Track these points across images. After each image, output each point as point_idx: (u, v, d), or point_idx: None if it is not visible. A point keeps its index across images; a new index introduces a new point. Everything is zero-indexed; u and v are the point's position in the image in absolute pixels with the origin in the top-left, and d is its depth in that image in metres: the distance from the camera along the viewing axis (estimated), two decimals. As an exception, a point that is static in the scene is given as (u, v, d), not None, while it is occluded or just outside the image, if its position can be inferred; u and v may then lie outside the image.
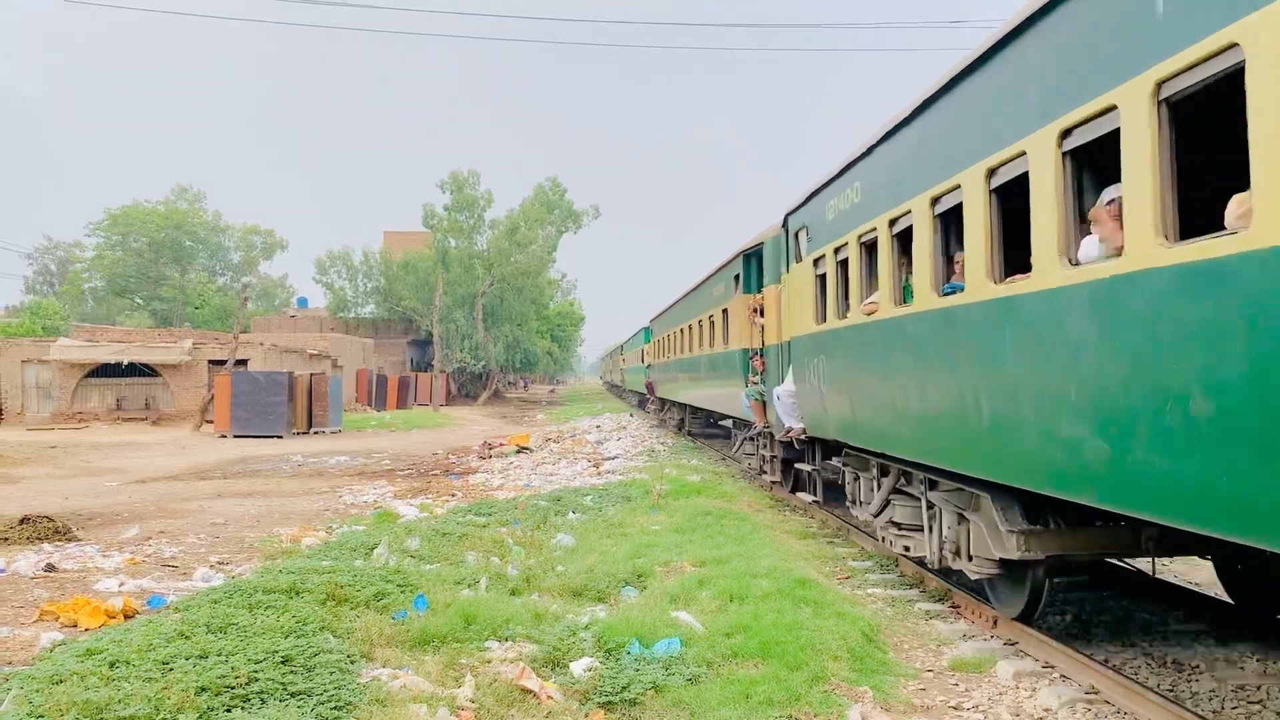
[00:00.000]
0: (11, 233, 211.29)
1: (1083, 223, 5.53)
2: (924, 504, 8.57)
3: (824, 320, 10.93)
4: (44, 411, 40.90)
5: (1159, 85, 4.52)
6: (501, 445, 27.29)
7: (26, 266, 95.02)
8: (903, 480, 9.20)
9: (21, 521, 12.78)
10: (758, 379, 15.62)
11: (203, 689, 5.53)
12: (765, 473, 16.28)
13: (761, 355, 15.51)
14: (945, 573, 8.88)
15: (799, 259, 12.11)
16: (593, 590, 8.74)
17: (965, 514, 7.69)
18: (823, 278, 11.00)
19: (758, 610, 7.59)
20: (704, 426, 30.84)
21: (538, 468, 21.53)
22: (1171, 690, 6.33)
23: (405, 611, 7.64)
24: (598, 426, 35.19)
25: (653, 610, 7.70)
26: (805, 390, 11.90)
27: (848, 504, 11.03)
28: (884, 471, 9.63)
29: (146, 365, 41.34)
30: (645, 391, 41.89)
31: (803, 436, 12.51)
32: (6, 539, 12.05)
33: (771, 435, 14.82)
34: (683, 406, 29.81)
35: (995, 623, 7.88)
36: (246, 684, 5.63)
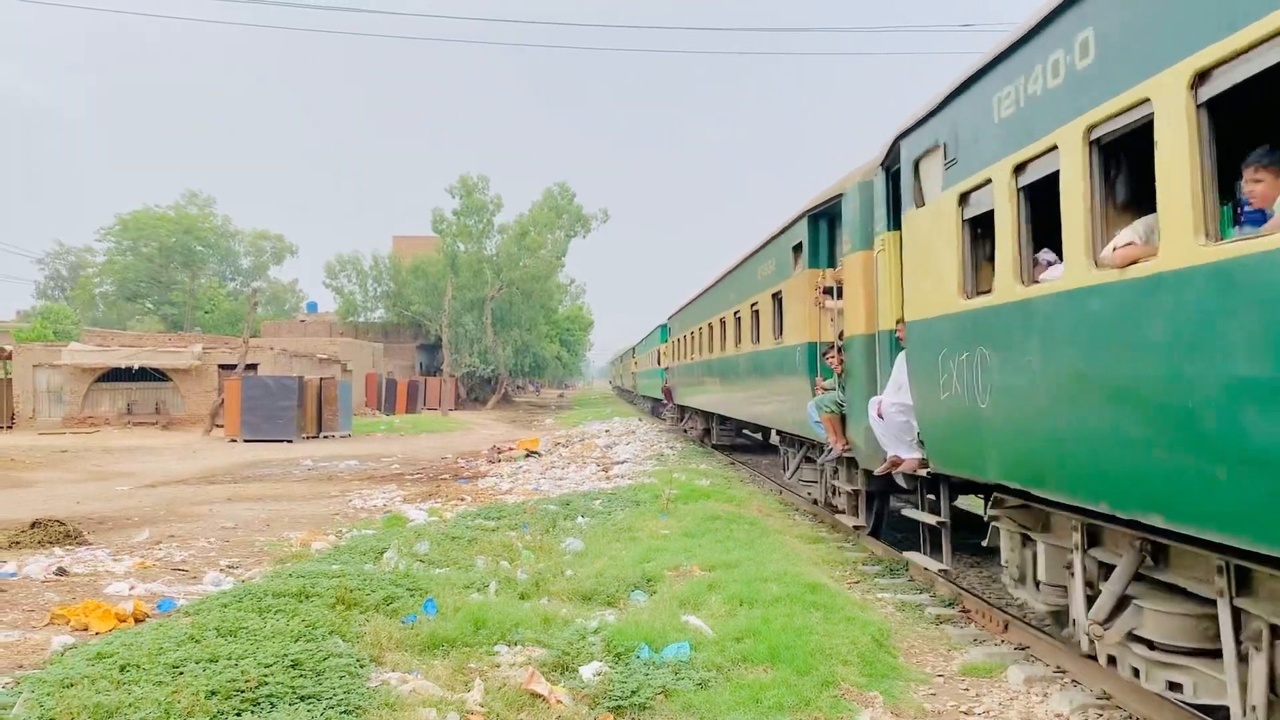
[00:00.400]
0: (23, 238, 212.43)
1: None
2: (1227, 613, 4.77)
3: (983, 291, 7.05)
4: (55, 416, 41.06)
5: None
6: (510, 449, 27.30)
7: (38, 271, 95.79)
8: (1149, 562, 5.49)
9: (33, 525, 12.81)
10: (832, 384, 11.85)
11: (213, 692, 5.54)
12: (838, 509, 12.57)
13: (840, 351, 11.57)
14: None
15: (920, 202, 8.28)
16: (602, 594, 8.73)
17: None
18: (981, 221, 7.14)
19: (767, 615, 7.57)
20: (734, 437, 27.29)
21: (547, 472, 21.52)
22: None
23: (415, 615, 7.65)
24: (607, 431, 35.19)
25: (662, 614, 7.69)
26: (932, 402, 7.94)
27: (1007, 580, 7.36)
28: (1093, 540, 6.04)
29: (157, 370, 41.48)
30: (661, 397, 38.05)
31: (922, 471, 8.69)
32: (18, 543, 12.09)
33: (852, 462, 11.37)
34: (709, 416, 25.98)
35: (1006, 627, 7.85)
36: (256, 687, 5.63)
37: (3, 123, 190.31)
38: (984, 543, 7.59)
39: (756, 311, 16.90)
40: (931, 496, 8.86)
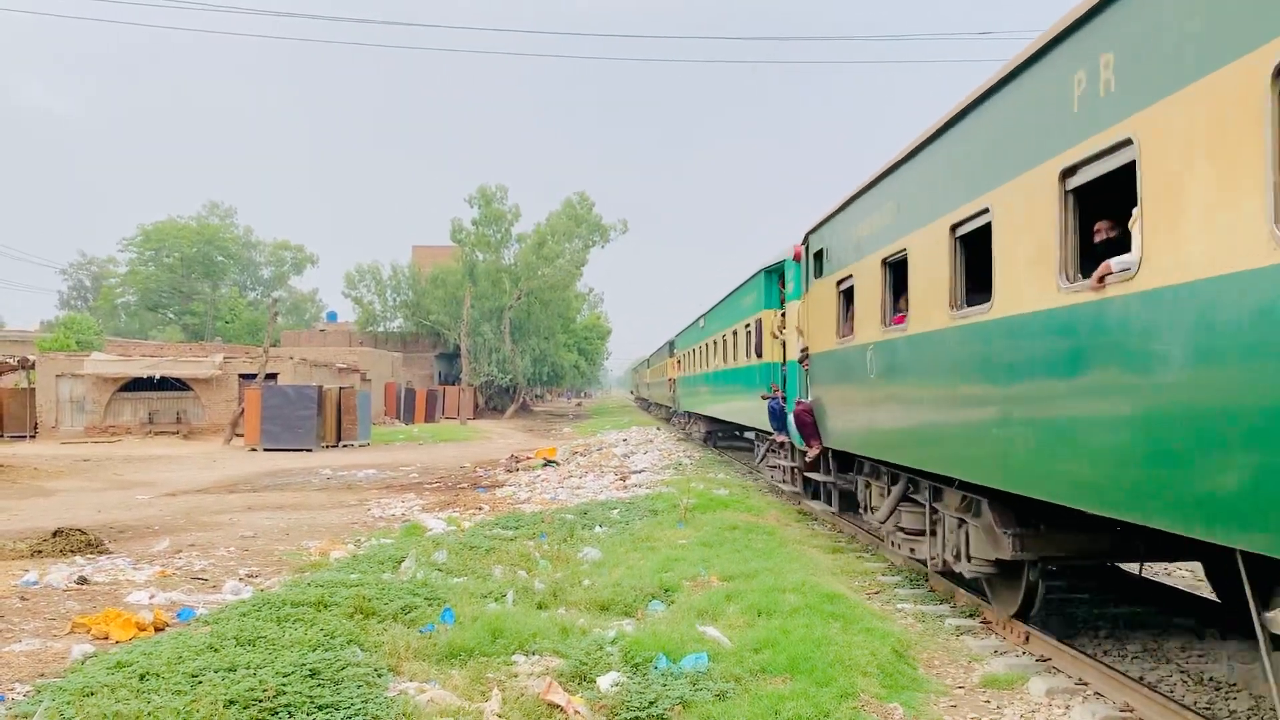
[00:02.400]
0: (47, 248, 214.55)
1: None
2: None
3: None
4: (77, 425, 41.39)
5: None
6: (528, 458, 27.32)
7: (61, 282, 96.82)
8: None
9: (55, 534, 12.91)
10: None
11: (231, 702, 5.55)
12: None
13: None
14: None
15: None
16: (619, 604, 8.71)
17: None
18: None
19: (786, 625, 7.53)
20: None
21: (564, 481, 21.52)
22: (1207, 703, 6.21)
23: (432, 625, 7.65)
24: (624, 440, 35.16)
25: (680, 625, 7.66)
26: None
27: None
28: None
29: (178, 379, 41.77)
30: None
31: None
32: (40, 552, 12.18)
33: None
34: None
35: (1027, 639, 7.78)
36: (274, 697, 5.65)
37: (28, 135, 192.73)
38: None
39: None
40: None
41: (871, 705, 6.20)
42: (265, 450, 32.87)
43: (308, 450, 32.85)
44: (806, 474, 14.47)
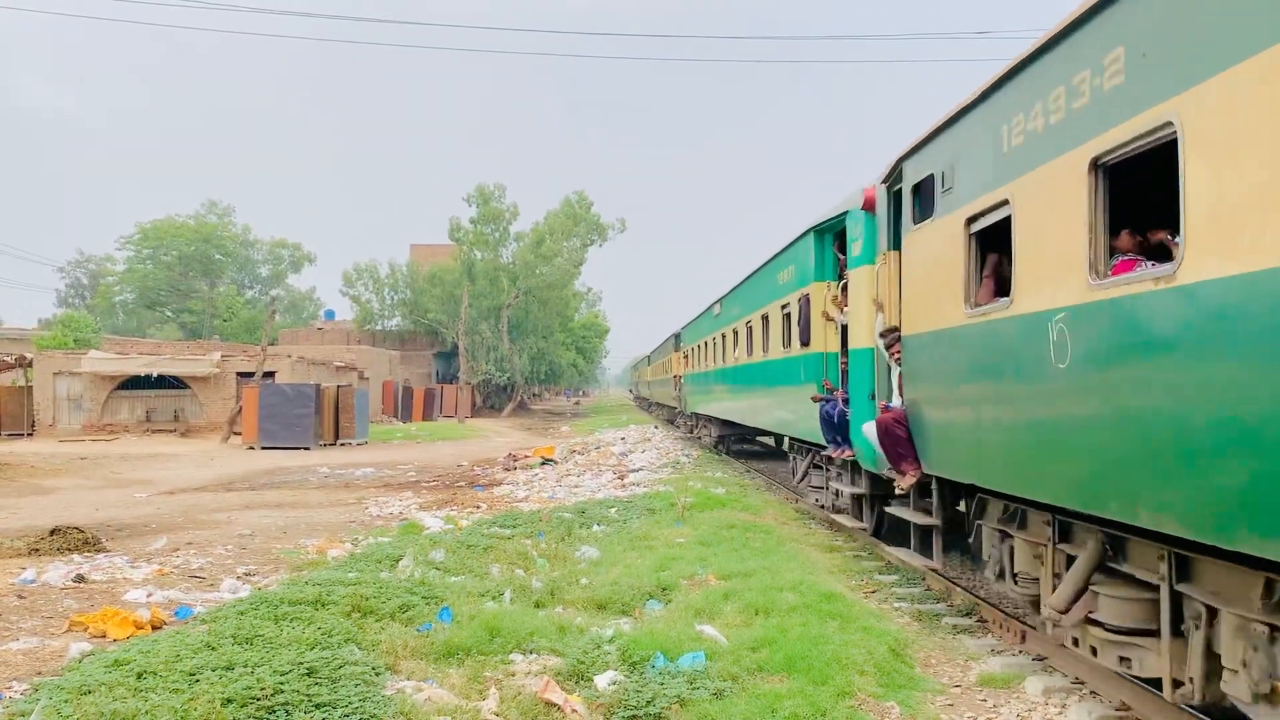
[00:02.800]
0: (45, 246, 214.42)
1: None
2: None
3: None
4: (75, 423, 41.36)
5: None
6: (526, 457, 27.32)
7: (59, 280, 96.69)
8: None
9: (52, 533, 12.90)
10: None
11: (229, 700, 5.55)
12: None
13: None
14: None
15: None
16: (617, 603, 8.71)
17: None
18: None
19: (783, 624, 7.54)
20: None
21: (562, 480, 21.52)
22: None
23: (430, 624, 7.65)
24: (622, 438, 35.16)
25: (677, 623, 7.66)
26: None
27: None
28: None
29: (175, 377, 41.74)
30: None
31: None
32: (37, 550, 12.18)
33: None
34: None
35: (1024, 638, 7.79)
36: (272, 695, 5.65)
37: (26, 132, 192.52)
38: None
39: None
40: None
41: (868, 704, 6.21)
42: (263, 448, 32.86)
43: (305, 449, 32.84)
44: (888, 507, 10.47)
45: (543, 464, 25.43)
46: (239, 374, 41.26)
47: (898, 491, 9.54)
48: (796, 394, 14.56)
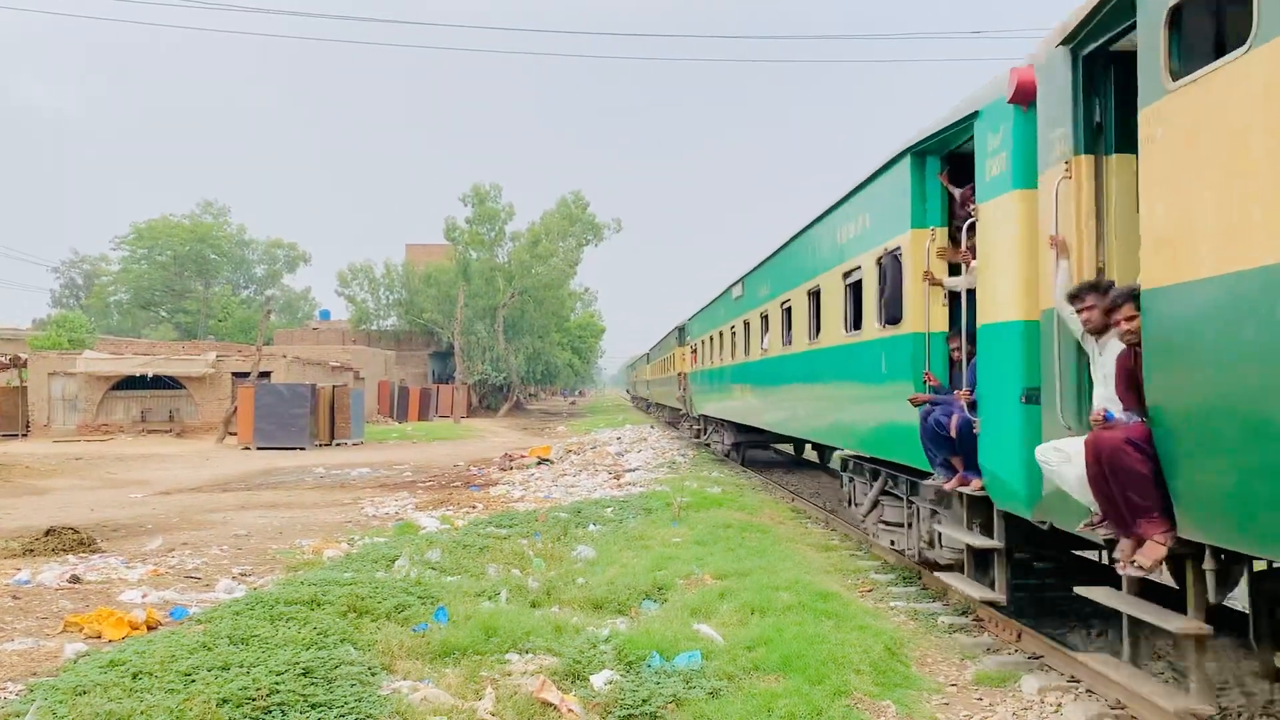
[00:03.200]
0: (40, 246, 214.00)
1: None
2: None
3: None
4: (70, 424, 41.29)
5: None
6: (522, 457, 27.31)
7: (54, 280, 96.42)
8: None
9: (47, 533, 12.87)
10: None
11: (224, 700, 5.55)
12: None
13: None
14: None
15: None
16: (613, 602, 8.71)
17: None
18: None
19: (779, 623, 7.55)
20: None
21: (558, 479, 21.52)
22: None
23: (426, 624, 7.65)
24: (618, 438, 35.18)
25: (673, 623, 7.67)
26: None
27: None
28: None
29: (171, 378, 41.67)
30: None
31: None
32: (32, 550, 12.15)
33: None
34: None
35: (1019, 636, 7.80)
36: (268, 696, 5.64)
37: (20, 132, 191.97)
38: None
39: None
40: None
41: (864, 703, 6.21)
42: (258, 449, 32.82)
43: (301, 449, 32.81)
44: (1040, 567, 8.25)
45: (539, 464, 25.43)
46: (234, 374, 41.20)
47: (1124, 568, 5.53)
48: (870, 393, 10.76)
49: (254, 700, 5.59)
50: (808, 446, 24.15)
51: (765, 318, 17.53)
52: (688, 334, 31.60)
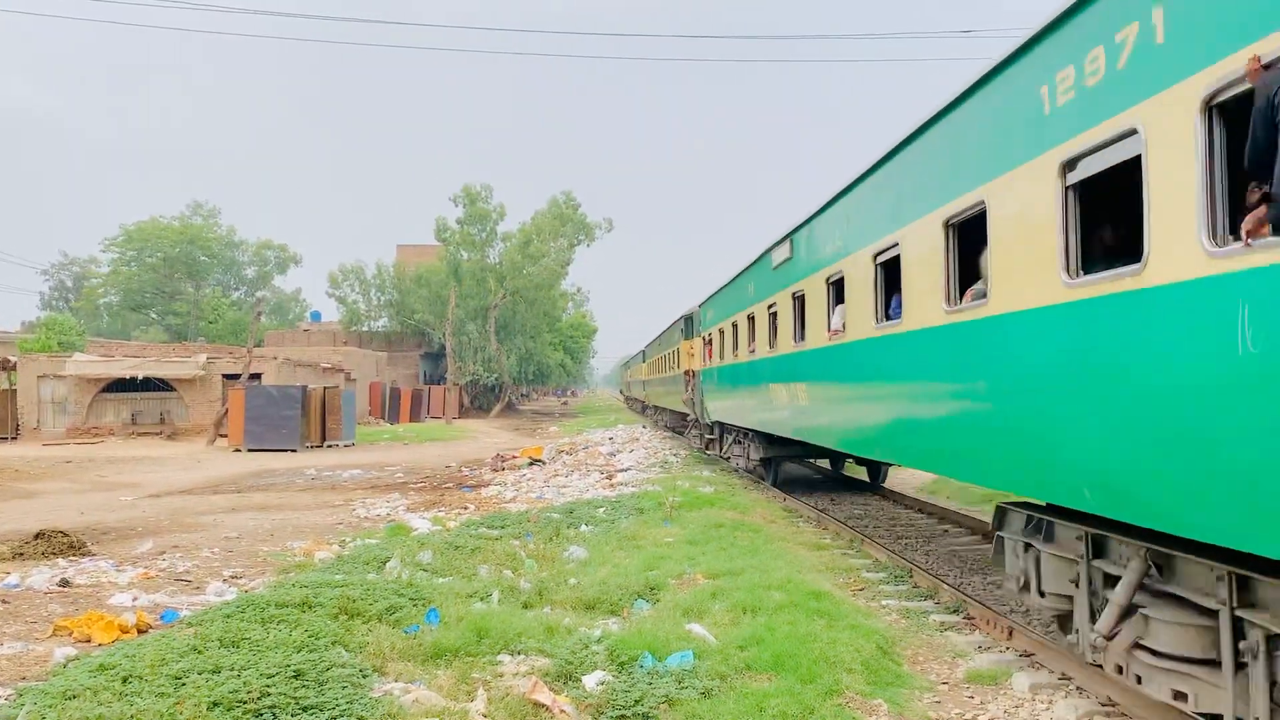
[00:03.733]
0: (28, 249, 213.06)
1: None
2: None
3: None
4: (59, 426, 41.10)
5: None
6: (514, 457, 27.28)
7: (43, 282, 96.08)
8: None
9: (36, 536, 12.82)
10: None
11: (215, 704, 5.53)
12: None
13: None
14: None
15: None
16: (605, 603, 8.71)
17: None
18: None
19: (771, 622, 7.55)
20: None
21: (550, 480, 21.50)
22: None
23: (418, 625, 7.64)
24: (610, 439, 35.15)
25: (666, 623, 7.67)
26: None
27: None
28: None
29: (161, 380, 41.52)
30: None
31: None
32: (21, 554, 12.09)
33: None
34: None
35: (1010, 634, 7.82)
36: (259, 698, 5.63)
37: (8, 134, 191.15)
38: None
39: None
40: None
41: (856, 702, 6.22)
42: (249, 451, 32.71)
43: (292, 450, 32.71)
44: None
45: (531, 464, 25.40)
46: (225, 376, 41.07)
47: None
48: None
49: (245, 703, 5.57)
50: (848, 460, 19.28)
51: (838, 282, 11.81)
52: (700, 323, 25.84)
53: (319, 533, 14.25)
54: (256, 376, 39.60)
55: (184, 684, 5.87)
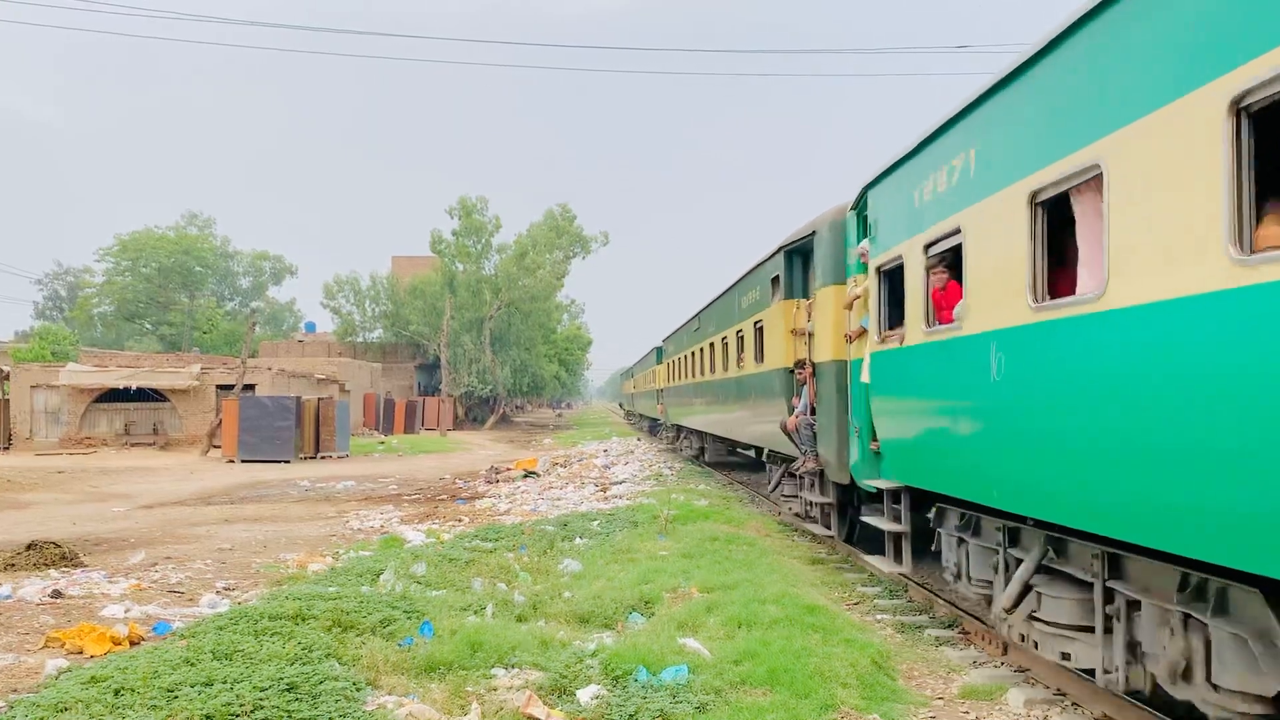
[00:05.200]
0: (22, 258, 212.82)
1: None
2: None
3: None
4: (52, 436, 40.95)
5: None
6: (508, 470, 27.24)
7: (37, 292, 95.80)
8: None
9: (28, 547, 12.75)
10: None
11: (208, 716, 5.51)
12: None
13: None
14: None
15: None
16: (600, 616, 8.69)
17: None
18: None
19: (766, 637, 7.53)
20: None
21: (545, 492, 21.46)
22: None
23: (411, 638, 7.61)
24: (605, 451, 35.12)
25: (660, 637, 7.65)
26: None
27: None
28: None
29: (154, 390, 41.41)
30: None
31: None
32: (13, 565, 12.03)
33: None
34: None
35: (1005, 649, 7.81)
36: (251, 712, 5.60)
37: (3, 142, 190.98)
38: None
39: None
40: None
41: (851, 716, 6.21)
42: (243, 462, 32.63)
43: (286, 462, 32.64)
44: None
45: (525, 477, 25.36)
46: (219, 386, 40.97)
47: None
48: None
49: (238, 716, 5.55)
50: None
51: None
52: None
53: (312, 544, 14.21)
54: (250, 387, 39.52)
55: (176, 696, 5.84)
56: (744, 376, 17.70)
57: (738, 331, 18.36)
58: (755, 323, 16.52)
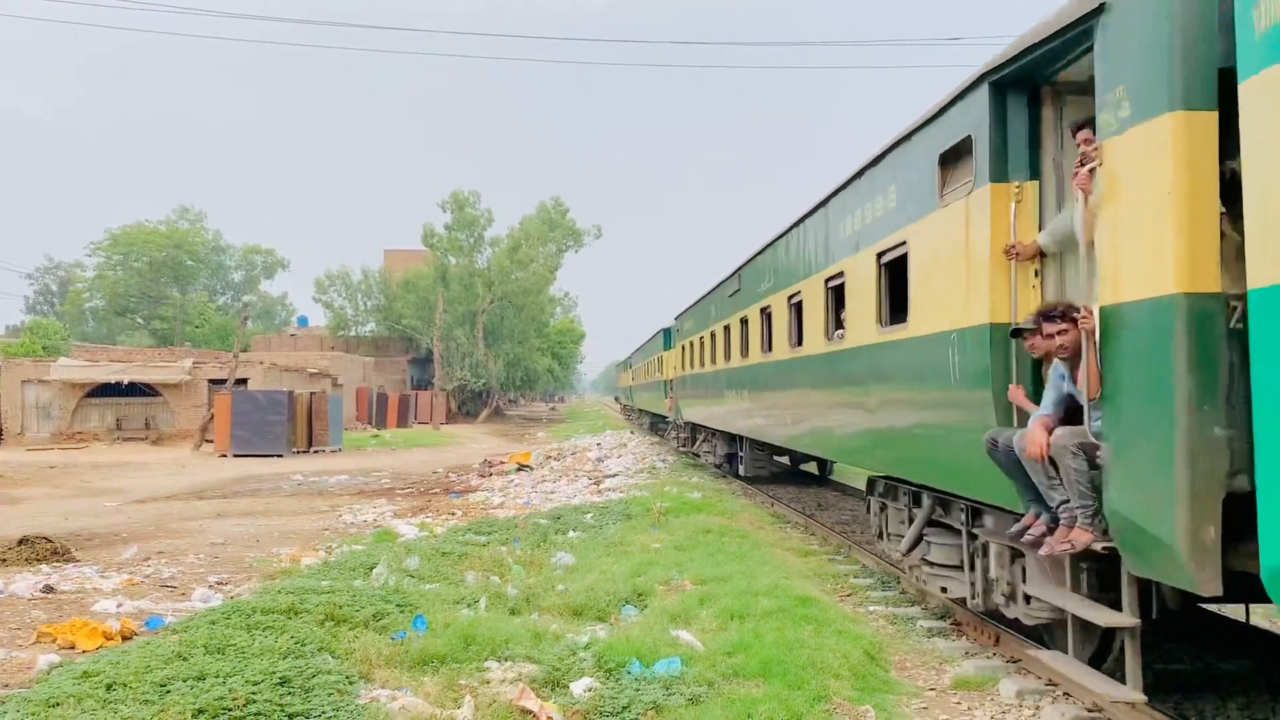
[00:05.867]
0: (13, 253, 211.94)
1: None
2: None
3: None
4: (44, 431, 40.84)
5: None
6: (502, 463, 27.24)
7: (27, 286, 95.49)
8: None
9: (20, 542, 12.72)
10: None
11: (200, 711, 5.50)
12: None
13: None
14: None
15: None
16: (593, 609, 8.70)
17: None
18: None
19: (759, 628, 7.55)
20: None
21: (538, 486, 21.47)
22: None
23: (404, 632, 7.60)
24: (598, 444, 35.13)
25: (653, 629, 7.66)
26: None
27: None
28: None
29: (146, 385, 41.31)
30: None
31: None
32: (4, 560, 12.00)
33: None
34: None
35: (997, 640, 7.84)
36: (244, 706, 5.59)
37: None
38: None
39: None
40: None
41: (844, 708, 6.23)
42: (235, 456, 32.57)
43: (278, 456, 32.58)
44: None
45: (518, 470, 25.37)
46: (211, 381, 40.90)
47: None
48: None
49: (230, 710, 5.54)
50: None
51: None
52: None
53: (305, 538, 14.20)
54: (243, 381, 39.44)
55: (169, 691, 5.82)
56: (847, 352, 10.24)
57: (830, 279, 10.88)
58: (885, 252, 9.03)
